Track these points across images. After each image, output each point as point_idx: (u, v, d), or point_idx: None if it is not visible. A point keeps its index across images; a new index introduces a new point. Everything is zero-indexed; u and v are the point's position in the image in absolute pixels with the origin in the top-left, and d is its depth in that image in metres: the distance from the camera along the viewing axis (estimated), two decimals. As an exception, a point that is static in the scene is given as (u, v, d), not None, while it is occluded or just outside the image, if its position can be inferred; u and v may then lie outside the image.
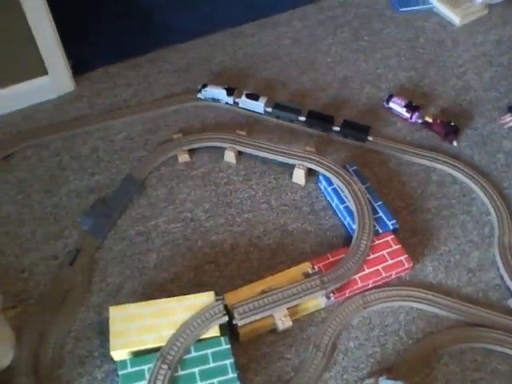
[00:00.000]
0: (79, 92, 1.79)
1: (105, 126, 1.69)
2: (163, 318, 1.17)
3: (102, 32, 1.98)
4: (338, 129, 1.63)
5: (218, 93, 1.71)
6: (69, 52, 1.74)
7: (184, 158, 1.59)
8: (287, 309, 1.22)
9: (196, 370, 1.11)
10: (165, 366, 1.09)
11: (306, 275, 1.27)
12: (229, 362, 1.12)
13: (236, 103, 1.71)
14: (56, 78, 1.74)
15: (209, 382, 1.09)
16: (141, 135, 1.66)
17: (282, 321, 1.21)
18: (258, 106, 1.69)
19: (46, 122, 1.70)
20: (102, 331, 1.26)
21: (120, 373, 1.11)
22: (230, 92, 1.71)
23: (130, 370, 1.11)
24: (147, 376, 1.09)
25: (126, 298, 1.32)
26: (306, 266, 1.30)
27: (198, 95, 1.73)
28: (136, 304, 1.21)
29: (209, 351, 1.13)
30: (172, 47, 1.95)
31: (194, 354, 1.13)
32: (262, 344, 1.24)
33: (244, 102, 1.70)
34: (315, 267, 1.28)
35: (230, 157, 1.57)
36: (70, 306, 1.31)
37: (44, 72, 1.71)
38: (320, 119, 1.66)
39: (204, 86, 1.73)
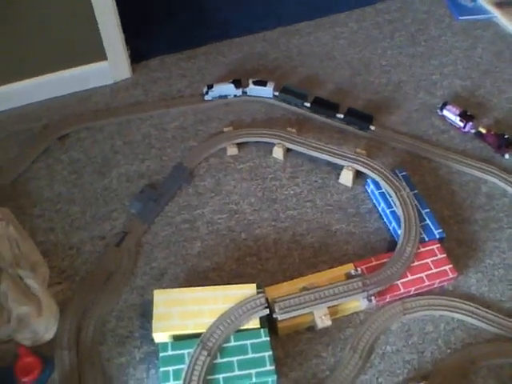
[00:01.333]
0: (135, 79, 1.84)
1: (158, 114, 1.72)
2: (205, 306, 1.19)
3: (161, 23, 2.03)
4: (341, 116, 1.66)
5: (225, 88, 1.73)
6: (128, 40, 1.78)
7: (233, 150, 1.61)
8: (327, 308, 1.22)
9: (235, 359, 1.12)
10: (204, 353, 1.11)
11: (349, 276, 1.27)
12: (267, 354, 1.13)
13: (245, 93, 1.74)
14: (114, 64, 1.78)
15: (246, 372, 1.11)
16: (192, 125, 1.69)
17: (322, 319, 1.21)
18: (267, 91, 1.71)
19: (101, 106, 1.75)
20: (144, 313, 1.30)
21: (160, 354, 1.14)
22: (237, 84, 1.72)
23: (170, 352, 1.13)
24: (187, 360, 1.11)
25: (168, 282, 1.35)
26: (349, 267, 1.29)
27: (205, 97, 1.74)
28: (179, 289, 1.23)
29: (248, 342, 1.14)
30: (227, 41, 1.97)
31: (233, 344, 1.14)
32: (299, 340, 1.25)
33: (252, 90, 1.73)
34: (358, 269, 1.28)
35: (278, 153, 1.58)
36: (114, 286, 1.34)
37: (103, 57, 1.76)
38: (325, 106, 1.68)
39: (210, 86, 1.73)
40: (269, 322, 1.21)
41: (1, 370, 1.21)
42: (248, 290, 1.22)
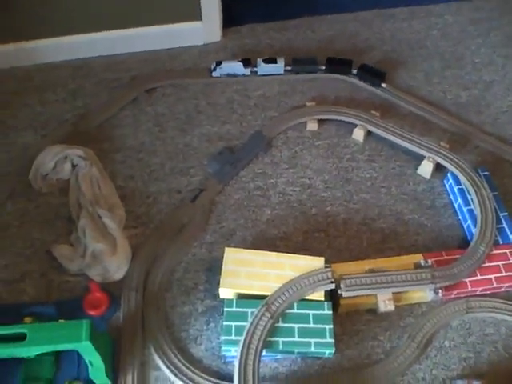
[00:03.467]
0: (224, 44, 1.86)
1: (243, 81, 1.74)
2: (272, 270, 1.22)
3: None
4: (355, 72, 1.71)
5: (234, 67, 1.71)
6: (222, 3, 1.80)
7: (313, 126, 1.61)
8: (392, 293, 1.22)
9: (296, 326, 1.15)
10: (268, 315, 1.14)
11: (417, 266, 1.27)
12: (328, 327, 1.15)
13: (254, 73, 1.73)
14: (208, 26, 1.81)
15: (306, 340, 1.13)
16: (276, 96, 1.71)
17: (385, 303, 1.21)
18: (278, 67, 1.71)
19: (189, 65, 1.79)
20: (210, 268, 1.34)
21: (225, 309, 1.17)
22: (246, 63, 1.71)
23: (234, 309, 1.17)
24: (249, 319, 1.14)
25: (236, 243, 1.38)
26: (418, 258, 1.29)
27: (213, 74, 1.73)
28: (249, 251, 1.26)
29: (311, 312, 1.16)
30: (319, 17, 1.96)
31: (296, 311, 1.17)
32: (358, 320, 1.26)
33: (263, 69, 1.72)
34: (428, 261, 1.27)
35: (358, 135, 1.58)
36: (185, 239, 1.39)
37: (198, 18, 1.78)
38: (339, 64, 1.72)
39: (218, 63, 1.72)
40: (330, 298, 1.23)
41: (70, 302, 1.28)
42: (316, 262, 1.24)
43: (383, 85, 1.69)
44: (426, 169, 1.49)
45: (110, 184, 1.47)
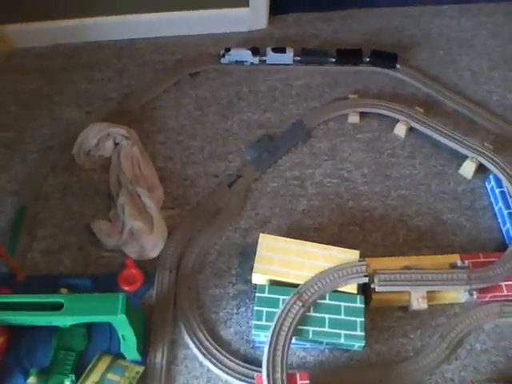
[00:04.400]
0: (269, 32, 1.86)
1: (286, 70, 1.74)
2: (306, 260, 1.22)
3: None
4: (367, 59, 1.71)
5: (243, 54, 1.70)
6: (270, -9, 1.80)
7: (354, 118, 1.60)
8: (426, 292, 1.21)
9: (327, 316, 1.15)
10: (299, 303, 1.14)
11: (453, 266, 1.25)
12: (359, 320, 1.15)
13: (262, 61, 1.72)
14: (254, 13, 1.81)
15: (336, 331, 1.13)
16: (318, 86, 1.70)
17: (418, 301, 1.20)
18: (287, 57, 1.70)
19: (234, 51, 1.80)
20: (243, 254, 1.35)
21: (257, 295, 1.18)
22: (255, 52, 1.70)
23: (266, 295, 1.18)
24: (281, 306, 1.15)
25: (270, 231, 1.38)
26: (455, 258, 1.27)
27: (222, 60, 1.72)
28: (285, 238, 1.26)
29: (342, 304, 1.16)
30: (366, 10, 1.94)
31: (327, 302, 1.17)
32: (389, 316, 1.25)
33: (272, 58, 1.71)
34: (465, 261, 1.26)
35: (400, 130, 1.56)
36: (220, 223, 1.40)
37: (245, 4, 1.78)
38: (349, 56, 1.71)
39: (227, 49, 1.71)
40: (363, 292, 1.23)
41: (105, 276, 1.31)
42: (351, 255, 1.23)
43: (397, 66, 1.71)
44: (468, 169, 1.47)
45: (149, 164, 1.49)
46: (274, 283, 1.21)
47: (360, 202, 1.44)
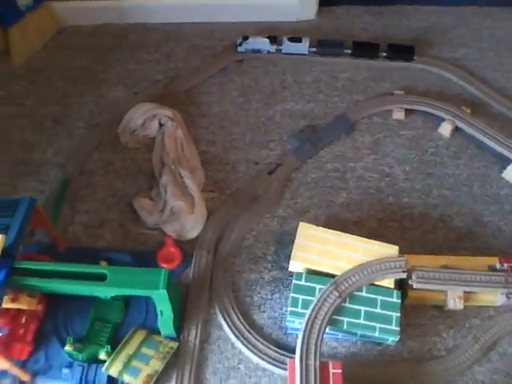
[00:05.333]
0: (317, 23, 1.86)
1: (332, 62, 1.73)
2: (344, 251, 1.22)
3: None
4: (384, 54, 1.70)
5: (260, 43, 1.70)
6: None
7: (399, 115, 1.59)
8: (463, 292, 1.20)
9: (362, 308, 1.15)
10: (336, 293, 1.15)
11: (492, 269, 1.24)
12: (395, 314, 1.15)
13: (279, 50, 1.72)
14: (303, 3, 1.81)
15: (371, 323, 1.13)
16: (363, 80, 1.69)
17: (455, 301, 1.20)
18: (303, 47, 1.70)
19: (280, 41, 1.80)
20: (279, 241, 1.36)
21: (294, 282, 1.19)
22: (272, 40, 1.70)
23: (303, 282, 1.19)
24: (317, 294, 1.16)
25: (308, 221, 1.35)
26: (494, 260, 1.26)
27: (239, 49, 1.72)
28: (324, 229, 1.27)
29: (379, 297, 1.16)
30: (416, 7, 1.92)
31: (364, 294, 1.17)
32: (423, 314, 1.25)
33: (287, 47, 1.71)
34: (504, 264, 1.24)
35: (445, 129, 1.54)
36: (258, 209, 1.41)
37: (295, -6, 1.79)
38: (365, 48, 1.69)
39: (245, 38, 1.71)
40: (399, 288, 1.22)
41: (145, 253, 1.33)
42: (390, 250, 1.23)
43: (415, 57, 1.70)
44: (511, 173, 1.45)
45: (192, 147, 1.51)
46: (311, 272, 1.22)
47: (400, 199, 1.44)
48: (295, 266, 1.23)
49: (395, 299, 1.17)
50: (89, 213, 1.42)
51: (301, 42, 1.71)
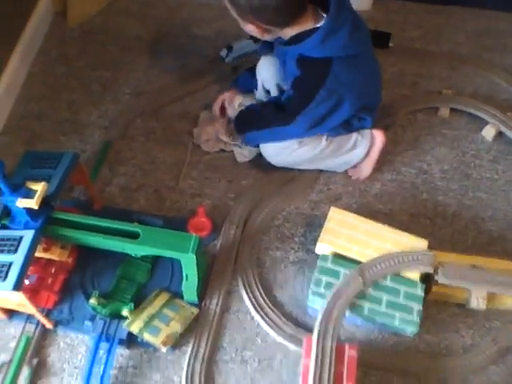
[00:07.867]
0: (371, 14, 1.84)
1: (381, 54, 1.71)
2: (373, 240, 1.23)
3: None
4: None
5: (245, 46, 1.64)
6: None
7: (444, 113, 1.57)
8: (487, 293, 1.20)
9: (385, 297, 1.16)
10: (360, 279, 1.15)
11: (520, 274, 1.23)
12: (417, 306, 1.15)
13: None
14: (359, -6, 1.80)
15: (392, 312, 1.14)
16: (412, 76, 1.68)
17: (478, 301, 1.19)
18: None
19: (332, 28, 1.79)
20: (309, 224, 1.37)
21: (319, 264, 1.20)
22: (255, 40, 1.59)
23: (328, 265, 1.20)
24: (341, 278, 1.17)
25: (339, 207, 1.38)
26: (523, 265, 1.25)
27: (226, 60, 1.66)
28: (355, 216, 1.27)
29: (402, 288, 1.17)
30: (474, 10, 1.88)
31: (388, 283, 1.17)
32: (444, 311, 1.24)
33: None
34: (533, 271, 1.23)
35: (488, 133, 1.52)
36: (292, 191, 1.42)
37: (353, -17, 1.77)
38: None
39: (229, 48, 1.65)
40: (423, 282, 1.22)
41: (177, 219, 1.36)
42: (419, 243, 1.23)
43: (390, 44, 1.70)
44: (551, 184, 1.42)
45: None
46: (337, 257, 1.23)
47: (435, 196, 1.43)
48: (322, 248, 1.24)
49: (419, 292, 1.17)
50: (126, 176, 1.46)
51: None
